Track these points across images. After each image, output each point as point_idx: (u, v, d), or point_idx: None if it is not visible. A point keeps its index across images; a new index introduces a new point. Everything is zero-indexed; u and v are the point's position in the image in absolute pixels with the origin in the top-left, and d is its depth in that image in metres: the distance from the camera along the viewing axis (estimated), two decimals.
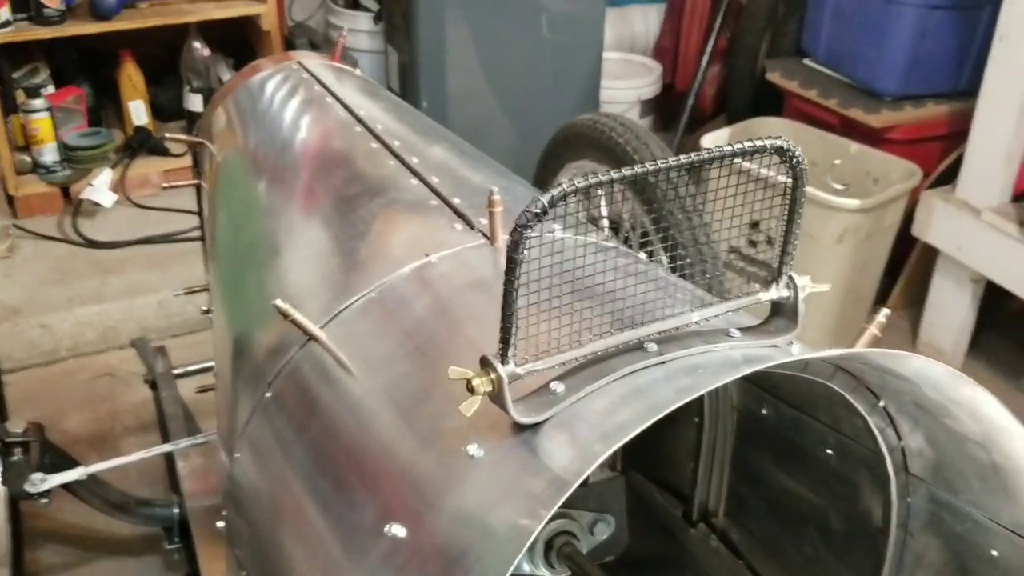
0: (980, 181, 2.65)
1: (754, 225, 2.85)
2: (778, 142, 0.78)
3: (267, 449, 1.02)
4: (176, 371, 2.27)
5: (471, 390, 0.75)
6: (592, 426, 0.75)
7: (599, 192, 2.35)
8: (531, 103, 3.39)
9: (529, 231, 0.71)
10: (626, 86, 3.60)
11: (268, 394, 1.06)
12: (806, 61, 3.19)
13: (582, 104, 3.40)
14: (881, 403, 0.98)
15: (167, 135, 1.90)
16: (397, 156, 1.36)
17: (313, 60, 1.81)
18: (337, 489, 0.88)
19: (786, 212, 0.83)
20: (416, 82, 3.27)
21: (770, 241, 2.80)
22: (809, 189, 2.63)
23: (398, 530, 0.77)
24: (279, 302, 1.01)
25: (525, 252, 0.72)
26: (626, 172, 0.72)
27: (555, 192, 0.70)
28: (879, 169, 2.83)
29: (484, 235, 1.12)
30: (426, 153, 1.37)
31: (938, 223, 2.75)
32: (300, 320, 1.01)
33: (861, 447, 1.12)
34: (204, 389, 2.09)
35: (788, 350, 0.83)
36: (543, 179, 2.51)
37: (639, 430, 0.68)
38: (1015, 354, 2.93)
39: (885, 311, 0.94)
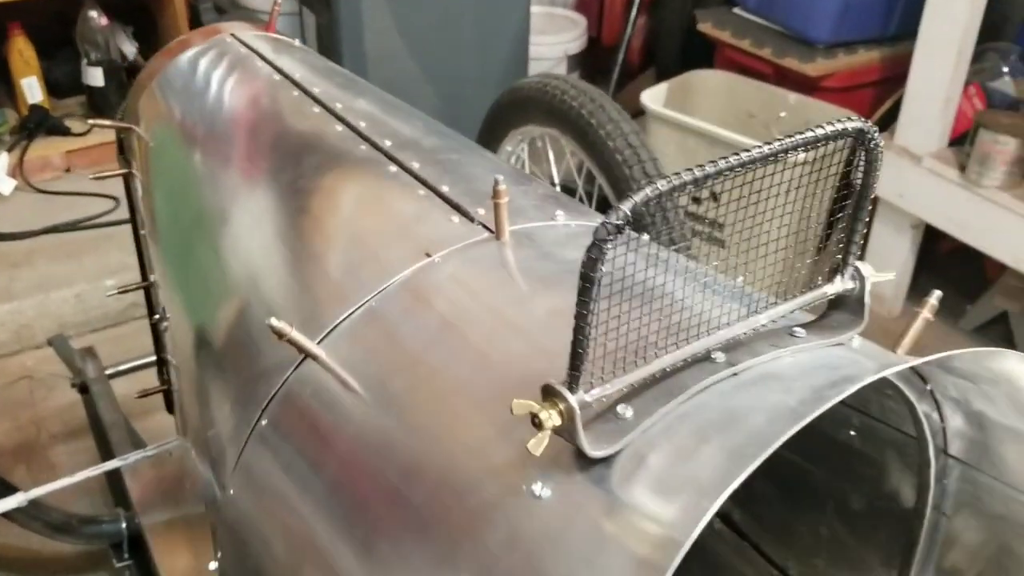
0: (919, 127, 2.65)
1: None
2: (858, 124, 0.71)
3: (273, 487, 0.91)
4: (107, 371, 2.11)
5: (538, 425, 0.66)
6: (678, 459, 0.67)
7: (548, 153, 2.27)
8: (457, 64, 3.26)
9: (610, 246, 0.61)
10: (552, 41, 3.50)
11: (264, 421, 0.95)
12: (736, 10, 3.13)
13: (510, 63, 3.28)
14: (928, 387, 0.93)
15: (91, 121, 1.72)
16: (369, 140, 1.24)
17: (248, 32, 1.66)
18: (376, 535, 0.78)
19: (854, 198, 0.76)
20: (336, 46, 3.11)
21: (715, 198, 2.77)
22: (752, 142, 2.59)
23: None
24: (274, 321, 0.89)
25: (602, 268, 0.63)
26: (709, 169, 0.63)
27: (637, 198, 0.61)
28: (818, 119, 2.78)
29: (487, 228, 1.02)
30: (399, 135, 1.26)
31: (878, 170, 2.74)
32: (300, 340, 0.91)
33: (889, 428, 1.07)
34: (146, 393, 1.94)
35: (878, 355, 0.77)
36: (487, 145, 2.41)
37: (748, 471, 0.60)
38: (951, 295, 2.97)
39: (937, 293, 0.89)
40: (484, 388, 0.81)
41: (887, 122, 2.82)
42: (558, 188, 2.31)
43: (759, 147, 0.65)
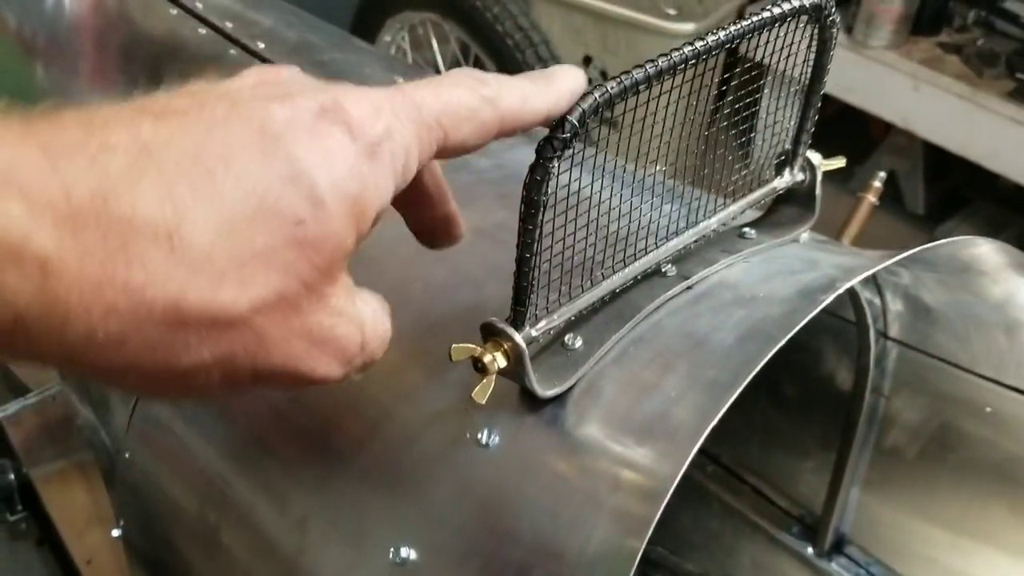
0: None
1: (586, 61, 2.70)
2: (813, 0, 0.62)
3: (176, 444, 0.81)
4: None
5: (481, 369, 0.58)
6: (641, 393, 0.60)
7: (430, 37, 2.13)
8: None
9: (556, 162, 0.52)
10: None
11: None
12: None
13: None
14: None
15: None
16: (238, 43, 1.10)
17: None
18: (302, 493, 0.69)
19: (807, 83, 0.68)
20: None
21: (604, 75, 2.70)
22: (643, 16, 2.51)
23: (407, 552, 0.61)
24: None
25: (548, 189, 0.54)
26: (661, 63, 0.54)
27: (584, 105, 0.52)
28: None
29: None
30: (272, 34, 1.12)
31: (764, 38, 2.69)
32: None
33: (824, 314, 1.03)
34: None
35: (834, 252, 0.70)
36: (362, 37, 2.24)
37: (726, 406, 0.54)
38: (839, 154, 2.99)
39: (881, 175, 0.83)
40: (407, 327, 0.71)
41: None
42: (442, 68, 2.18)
43: (714, 35, 0.56)
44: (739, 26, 0.59)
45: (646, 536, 0.50)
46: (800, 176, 0.72)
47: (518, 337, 0.58)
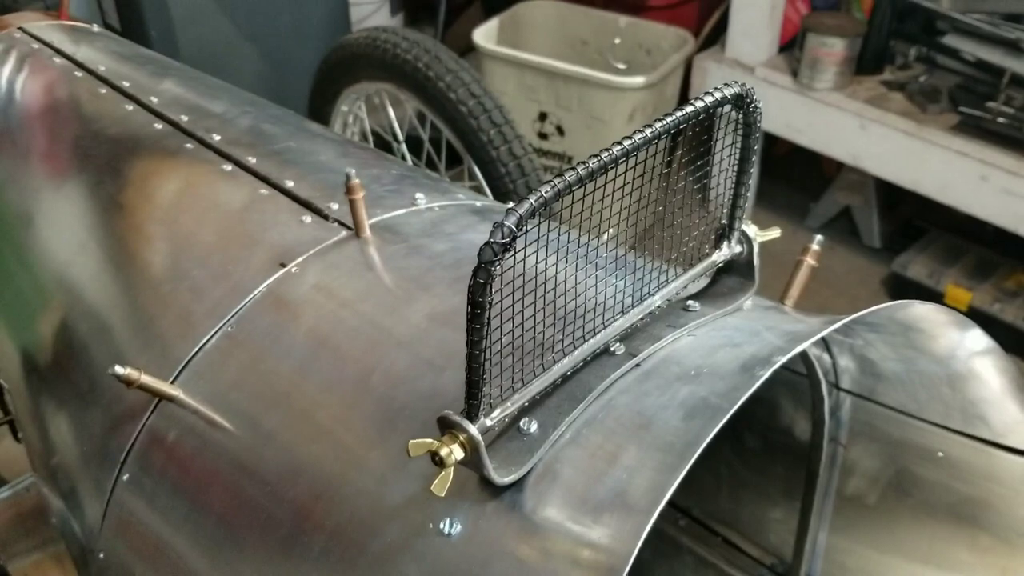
0: (748, 38, 2.67)
1: (542, 117, 2.74)
2: (735, 89, 0.66)
3: (149, 545, 0.82)
4: None
5: (439, 462, 0.61)
6: (596, 473, 0.62)
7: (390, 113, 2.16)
8: (272, 16, 3.06)
9: (498, 266, 0.55)
10: None
11: (125, 477, 0.85)
12: None
13: (330, 10, 3.12)
14: None
15: None
16: (194, 137, 1.13)
17: (38, 23, 1.48)
18: None
19: (737, 163, 0.71)
20: (138, 13, 2.87)
21: (560, 131, 2.71)
22: (594, 72, 2.56)
23: None
24: (119, 368, 0.80)
25: (492, 291, 0.56)
26: (593, 162, 0.57)
27: (521, 211, 0.55)
28: (650, 40, 2.79)
29: (344, 225, 0.94)
30: (228, 126, 1.15)
31: (713, 85, 2.76)
32: (152, 385, 0.81)
33: (779, 370, 1.06)
34: None
35: (776, 321, 0.73)
36: (319, 110, 2.28)
37: (676, 482, 0.56)
38: (794, 195, 3.05)
39: (819, 238, 0.87)
40: (369, 417, 0.74)
41: (716, 35, 2.84)
42: (403, 142, 2.21)
43: (642, 132, 0.60)
44: (664, 123, 0.62)
45: None
46: (738, 248, 0.76)
47: (473, 429, 0.60)
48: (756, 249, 0.76)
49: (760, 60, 2.65)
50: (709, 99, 0.64)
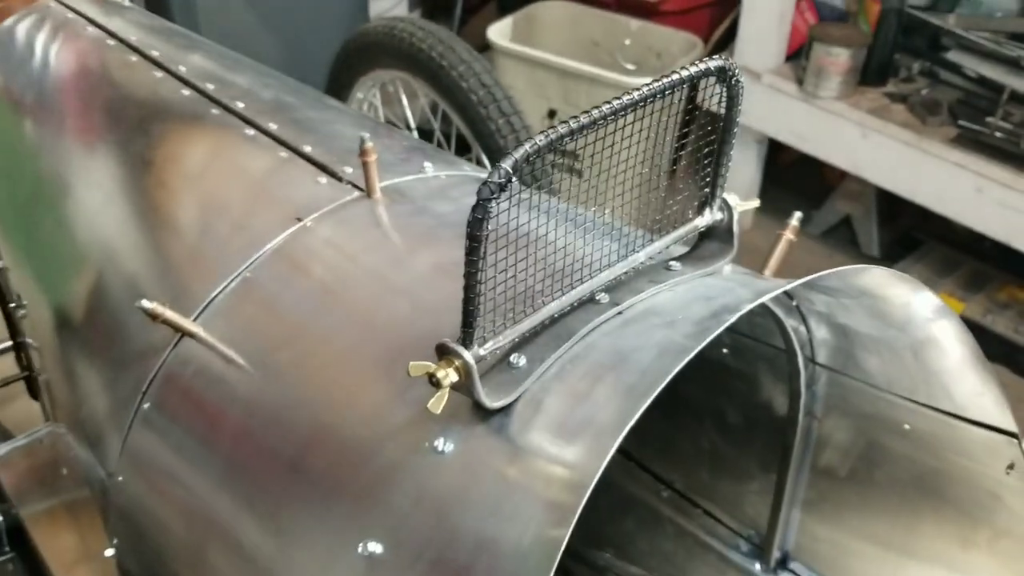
0: (756, 45, 2.74)
1: (551, 114, 2.82)
2: (718, 62, 0.73)
3: (165, 469, 0.89)
4: None
5: (436, 384, 0.67)
6: (575, 402, 0.68)
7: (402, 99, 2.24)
8: (294, 7, 3.15)
9: (494, 204, 0.62)
10: None
11: (146, 405, 0.92)
12: None
13: (348, 6, 3.20)
14: (795, 303, 0.99)
15: None
16: (220, 103, 1.20)
17: None
18: (279, 509, 0.77)
19: (719, 133, 0.78)
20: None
21: None
22: (604, 72, 2.63)
23: (374, 547, 0.69)
24: (145, 302, 0.87)
25: (488, 227, 0.63)
26: (583, 119, 0.64)
27: (517, 155, 0.61)
28: (659, 43, 2.86)
29: (356, 187, 1.01)
30: (251, 95, 1.22)
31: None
32: (176, 320, 0.88)
33: (759, 344, 1.13)
34: (6, 382, 1.84)
35: (749, 281, 0.80)
36: (336, 94, 2.35)
37: (642, 408, 0.63)
38: (796, 203, 3.10)
39: (797, 214, 0.93)
40: (373, 353, 0.81)
41: (725, 42, 2.90)
42: (415, 131, 2.29)
43: (629, 94, 0.66)
44: (653, 86, 0.69)
45: (572, 521, 0.59)
46: (719, 215, 0.82)
47: (467, 354, 0.67)
48: (736, 216, 0.82)
49: (767, 67, 2.72)
50: (694, 69, 0.71)
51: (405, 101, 2.19)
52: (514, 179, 0.64)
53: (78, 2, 1.54)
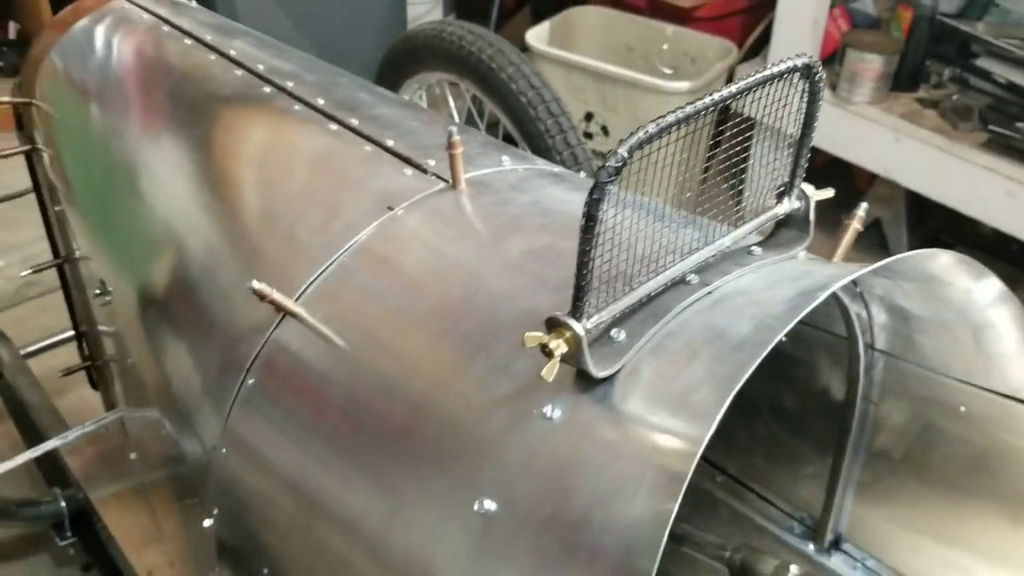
0: (790, 50, 2.76)
1: (588, 118, 2.89)
2: (804, 60, 0.78)
3: (269, 440, 0.95)
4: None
5: (548, 353, 0.73)
6: (675, 373, 0.74)
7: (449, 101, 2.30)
8: (331, 12, 3.21)
9: (612, 186, 0.68)
10: None
11: (250, 381, 0.98)
12: None
13: (386, 10, 3.26)
14: (858, 289, 1.04)
15: None
16: (302, 100, 1.26)
17: None
18: (390, 472, 0.83)
19: (800, 126, 0.84)
20: (210, 4, 3.02)
21: (605, 131, 2.83)
22: (643, 76, 2.69)
23: (489, 505, 0.74)
24: (256, 283, 0.93)
25: (603, 208, 0.69)
26: (688, 109, 0.70)
27: (632, 141, 0.67)
28: (695, 49, 2.91)
29: (441, 178, 1.07)
30: (330, 93, 1.28)
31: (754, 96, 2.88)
32: (281, 301, 0.94)
33: (818, 331, 1.18)
34: (70, 371, 1.91)
35: (826, 266, 0.85)
36: None
37: (743, 379, 0.68)
38: (829, 206, 3.15)
39: (864, 205, 0.99)
40: (473, 330, 0.86)
41: (758, 47, 2.96)
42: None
43: (727, 88, 0.72)
44: (748, 80, 0.74)
45: (681, 490, 0.64)
46: (796, 204, 0.88)
47: (578, 326, 0.72)
48: (812, 205, 0.88)
49: None
50: (783, 66, 0.76)
51: (452, 103, 2.25)
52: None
53: (149, 3, 1.61)
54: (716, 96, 0.71)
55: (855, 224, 0.97)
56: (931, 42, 2.68)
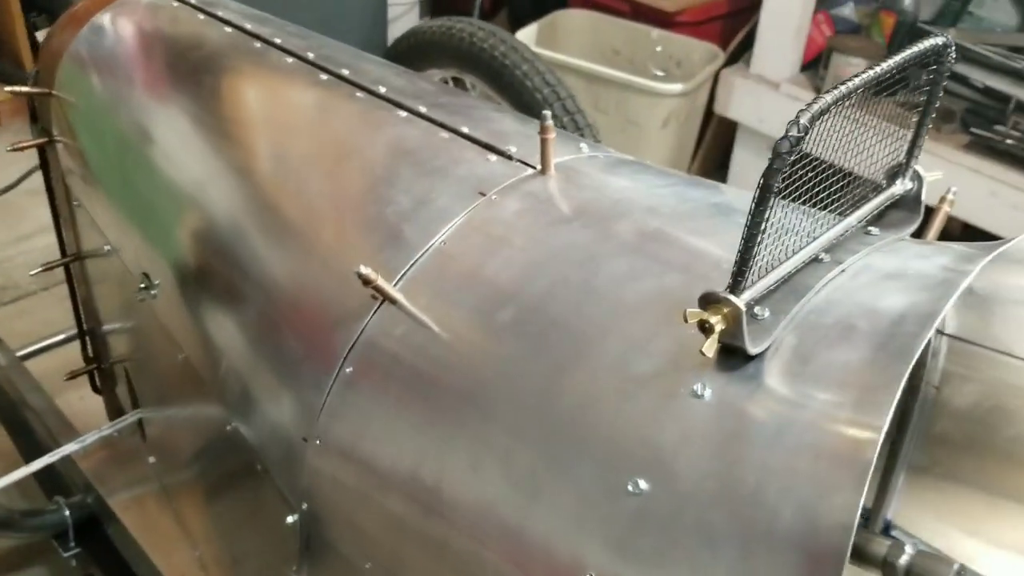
0: (773, 55, 2.84)
1: None
2: (941, 40, 0.80)
3: (377, 430, 0.92)
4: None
5: (708, 329, 0.73)
6: (831, 349, 0.74)
7: None
8: (310, 11, 3.18)
9: (791, 157, 0.68)
10: None
11: (349, 369, 0.96)
12: None
13: (367, 12, 3.24)
14: None
15: (8, 89, 1.60)
16: (364, 88, 1.24)
17: None
18: (523, 457, 0.82)
19: (923, 107, 0.85)
20: None
21: (594, 134, 2.78)
22: (635, 78, 2.71)
23: (644, 484, 0.74)
24: (362, 268, 0.91)
25: (780, 180, 0.69)
26: (857, 81, 0.71)
27: (812, 111, 0.68)
28: (680, 52, 2.95)
29: (527, 165, 1.06)
30: (386, 81, 1.26)
31: (739, 99, 2.93)
32: (384, 287, 0.92)
33: None
34: (75, 374, 1.85)
35: (942, 246, 0.87)
36: None
37: (916, 356, 0.69)
38: None
39: (953, 189, 1.01)
40: (600, 310, 0.86)
41: (740, 52, 3.01)
42: None
43: (876, 67, 0.73)
44: (891, 63, 0.75)
45: (869, 471, 0.64)
46: (910, 184, 0.89)
47: (739, 302, 0.72)
48: (924, 186, 0.89)
49: (784, 77, 2.83)
50: (922, 47, 0.78)
51: None
52: None
53: None
54: (879, 69, 0.72)
55: (945, 207, 0.99)
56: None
